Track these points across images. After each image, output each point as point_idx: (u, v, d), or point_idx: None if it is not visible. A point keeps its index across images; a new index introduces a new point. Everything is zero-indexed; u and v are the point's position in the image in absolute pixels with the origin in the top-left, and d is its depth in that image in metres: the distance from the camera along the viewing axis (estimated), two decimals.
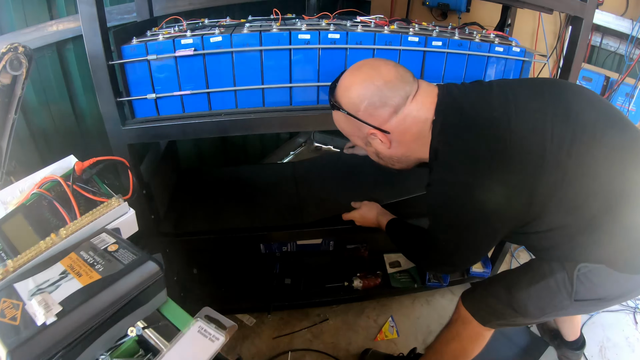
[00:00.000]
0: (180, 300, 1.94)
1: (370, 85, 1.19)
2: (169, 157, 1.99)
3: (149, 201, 1.61)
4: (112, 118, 1.35)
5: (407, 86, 1.21)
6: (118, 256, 0.84)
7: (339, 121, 1.32)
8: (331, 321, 2.26)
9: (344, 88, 1.24)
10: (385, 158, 1.35)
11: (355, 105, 1.21)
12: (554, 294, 1.30)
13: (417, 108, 1.22)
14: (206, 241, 1.76)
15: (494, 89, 1.22)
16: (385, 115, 1.21)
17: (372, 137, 1.26)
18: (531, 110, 1.15)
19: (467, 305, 1.53)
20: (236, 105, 1.44)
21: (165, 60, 1.33)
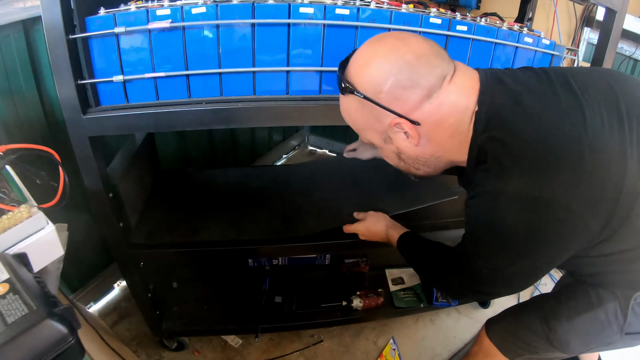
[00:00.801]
0: (155, 319, 1.75)
1: (398, 59, 0.90)
2: (145, 157, 1.78)
3: (116, 206, 1.40)
4: (70, 105, 1.14)
5: (444, 64, 0.93)
6: (2, 308, 0.56)
7: (349, 110, 1.03)
8: (326, 343, 2.12)
9: (360, 63, 0.96)
10: (409, 159, 1.06)
11: (375, 86, 0.92)
12: (602, 328, 1.14)
13: (456, 92, 0.93)
14: (184, 255, 1.54)
15: (553, 78, 0.96)
16: (416, 100, 0.92)
17: (395, 130, 0.98)
18: (604, 108, 0.90)
19: (492, 336, 1.38)
20: (221, 93, 1.21)
21: (137, 35, 1.11)
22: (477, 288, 1.07)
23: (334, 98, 1.20)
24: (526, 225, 0.88)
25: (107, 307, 2.18)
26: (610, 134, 0.87)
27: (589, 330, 1.16)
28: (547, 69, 1.00)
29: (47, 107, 1.67)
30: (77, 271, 2.02)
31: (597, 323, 1.13)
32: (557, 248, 0.92)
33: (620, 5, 1.42)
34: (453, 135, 0.97)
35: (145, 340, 2.02)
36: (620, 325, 1.11)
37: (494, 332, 1.38)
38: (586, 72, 1.01)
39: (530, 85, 0.94)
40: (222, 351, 2.01)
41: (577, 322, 1.16)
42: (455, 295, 1.24)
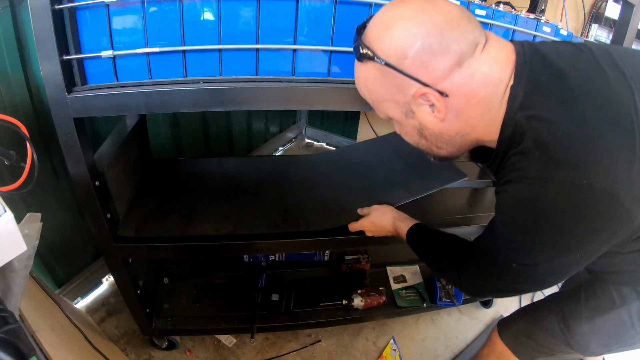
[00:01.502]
0: (145, 317, 1.68)
1: (426, 22, 0.81)
2: (135, 144, 1.68)
3: (103, 196, 1.30)
4: (54, 82, 1.04)
5: (476, 30, 0.84)
6: None
7: (366, 79, 0.93)
8: (324, 343, 2.05)
9: (382, 26, 0.86)
10: (432, 137, 0.96)
11: (399, 51, 0.83)
12: (625, 328, 1.10)
13: (490, 62, 0.84)
14: (176, 250, 1.44)
15: (597, 55, 0.85)
16: (445, 68, 0.82)
17: (419, 101, 0.88)
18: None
19: (506, 339, 1.33)
20: (220, 72, 1.11)
21: (130, 6, 1.02)
22: (501, 285, 0.98)
23: (344, 81, 1.13)
24: (575, 216, 0.79)
25: (95, 303, 2.09)
26: None
27: (610, 331, 1.12)
28: (588, 44, 0.89)
29: (33, 89, 1.59)
30: (64, 265, 1.94)
31: (620, 323, 1.09)
32: (600, 242, 0.83)
33: None
34: (483, 111, 0.87)
35: (134, 339, 1.94)
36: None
37: (508, 333, 1.33)
38: (630, 52, 0.90)
39: (574, 60, 0.84)
40: (215, 351, 1.94)
41: (599, 323, 1.12)
42: (473, 291, 1.09)
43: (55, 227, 1.79)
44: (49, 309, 1.27)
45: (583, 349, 1.17)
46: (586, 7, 2.57)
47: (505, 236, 0.91)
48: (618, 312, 1.09)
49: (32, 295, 1.21)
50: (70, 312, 1.42)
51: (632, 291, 1.07)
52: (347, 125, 3.58)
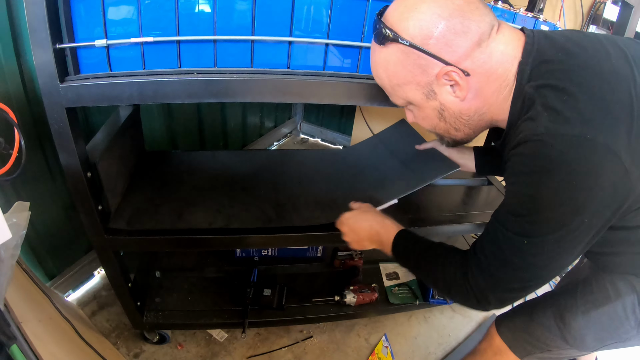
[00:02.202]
0: (136, 310, 1.67)
1: (448, 3, 0.86)
2: (129, 135, 1.66)
3: (95, 188, 1.29)
4: (47, 71, 1.02)
5: (491, 14, 0.90)
6: None
7: (387, 62, 0.95)
8: (316, 339, 2.05)
9: (405, 8, 0.89)
10: (452, 118, 0.99)
11: (425, 31, 0.87)
12: (620, 323, 1.11)
13: (504, 42, 0.90)
14: (168, 243, 1.43)
15: (603, 39, 0.92)
16: (467, 47, 0.87)
17: (442, 82, 0.92)
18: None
19: (503, 334, 1.34)
20: (215, 64, 1.10)
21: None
22: (510, 280, 0.96)
23: (339, 75, 1.13)
24: (580, 171, 0.81)
25: (87, 296, 2.08)
26: None
27: (605, 325, 1.13)
28: (595, 32, 0.98)
29: (26, 79, 1.57)
30: (55, 257, 1.92)
31: (615, 317, 1.10)
32: (604, 204, 0.84)
33: (638, 0, 1.39)
34: (499, 89, 0.93)
35: (125, 332, 1.93)
36: (638, 319, 1.08)
37: (506, 329, 1.33)
38: (634, 42, 0.96)
39: (579, 40, 0.90)
40: (207, 345, 1.92)
41: (594, 317, 1.13)
42: (481, 299, 1.01)
43: (47, 219, 1.78)
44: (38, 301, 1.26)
45: (578, 343, 1.18)
46: (584, 8, 2.57)
47: (513, 207, 0.91)
48: (613, 306, 1.10)
49: (21, 287, 1.20)
50: (60, 304, 1.41)
51: (627, 285, 1.08)
52: (342, 121, 3.58)
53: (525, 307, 1.34)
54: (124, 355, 1.83)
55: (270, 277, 2.03)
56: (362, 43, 1.13)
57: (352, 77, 1.15)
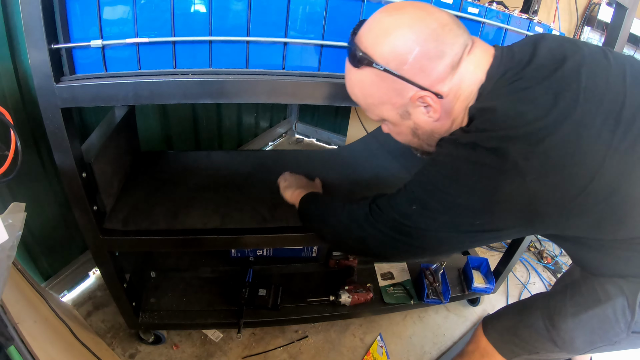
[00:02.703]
0: (131, 311, 1.67)
1: (424, 29, 0.87)
2: (124, 136, 1.66)
3: (90, 188, 1.29)
4: (42, 71, 1.02)
5: (465, 34, 0.92)
6: None
7: (362, 84, 0.97)
8: (311, 339, 2.04)
9: (380, 33, 0.90)
10: (425, 135, 1.02)
11: (400, 57, 0.88)
12: (610, 325, 1.09)
13: (474, 63, 0.92)
14: (163, 243, 1.43)
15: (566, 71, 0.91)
16: (441, 71, 0.89)
17: (417, 104, 0.94)
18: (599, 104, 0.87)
19: (490, 335, 1.34)
20: (210, 64, 1.10)
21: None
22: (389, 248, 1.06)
23: (334, 76, 1.13)
24: (486, 178, 0.86)
25: (82, 297, 2.07)
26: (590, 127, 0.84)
27: (595, 327, 1.11)
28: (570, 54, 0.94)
29: (21, 79, 1.57)
30: (50, 258, 1.92)
31: (605, 320, 1.09)
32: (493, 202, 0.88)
33: (632, 2, 1.38)
34: (465, 108, 0.95)
35: (120, 333, 1.92)
36: (628, 322, 1.06)
37: (493, 330, 1.33)
38: (602, 67, 0.93)
39: (540, 66, 0.90)
40: (202, 345, 1.92)
41: (584, 319, 1.11)
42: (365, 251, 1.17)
43: (42, 220, 1.78)
44: (34, 301, 1.26)
45: (567, 346, 1.17)
46: (579, 10, 2.58)
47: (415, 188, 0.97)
48: (603, 309, 1.08)
49: (16, 287, 1.20)
50: (56, 305, 1.41)
51: (616, 287, 1.07)
52: (337, 121, 3.58)
53: (513, 308, 1.34)
54: (120, 355, 1.82)
55: (266, 277, 2.03)
56: None
57: None
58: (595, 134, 0.82)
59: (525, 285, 2.57)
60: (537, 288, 2.59)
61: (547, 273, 2.71)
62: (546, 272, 2.72)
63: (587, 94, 0.85)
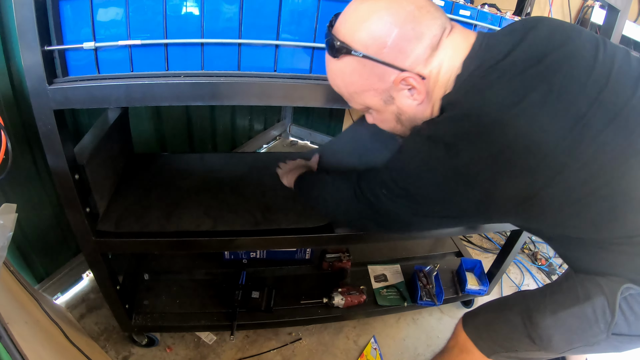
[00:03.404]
0: (124, 313, 1.67)
1: (400, 11, 0.87)
2: (117, 138, 1.66)
3: (82, 190, 1.29)
4: (35, 73, 1.02)
5: (443, 16, 0.93)
6: None
7: (343, 73, 0.98)
8: (304, 341, 2.04)
9: (356, 19, 0.91)
10: (408, 121, 1.04)
11: (377, 41, 0.89)
12: (589, 325, 1.06)
13: (454, 48, 0.93)
14: (155, 245, 1.44)
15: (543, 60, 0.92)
16: (421, 52, 0.90)
17: (399, 87, 0.94)
18: None
19: (469, 331, 1.31)
20: (202, 67, 1.11)
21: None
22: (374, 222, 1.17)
23: (325, 78, 1.11)
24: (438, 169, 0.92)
25: (75, 299, 2.07)
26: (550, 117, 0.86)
27: (574, 326, 1.09)
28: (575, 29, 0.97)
29: (15, 81, 1.56)
30: (43, 260, 1.91)
31: (584, 319, 1.07)
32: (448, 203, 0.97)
33: (624, 5, 1.39)
34: (441, 97, 0.97)
35: (114, 335, 1.92)
36: (608, 322, 1.04)
37: (471, 326, 1.31)
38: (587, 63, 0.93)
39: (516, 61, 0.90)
40: (195, 348, 1.92)
41: (562, 317, 1.10)
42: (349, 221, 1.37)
43: (35, 222, 1.77)
44: (25, 303, 1.25)
45: (545, 344, 1.14)
46: (572, 12, 2.60)
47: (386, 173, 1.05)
48: (582, 308, 1.07)
49: (7, 288, 1.19)
50: (48, 307, 1.40)
51: (596, 287, 1.05)
52: (331, 124, 3.58)
53: (492, 304, 1.33)
54: (113, 358, 1.82)
55: (259, 279, 2.02)
56: None
57: None
58: (562, 134, 0.84)
59: (519, 287, 2.57)
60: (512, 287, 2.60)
61: (541, 275, 2.72)
62: (540, 274, 2.72)
63: (560, 93, 0.86)
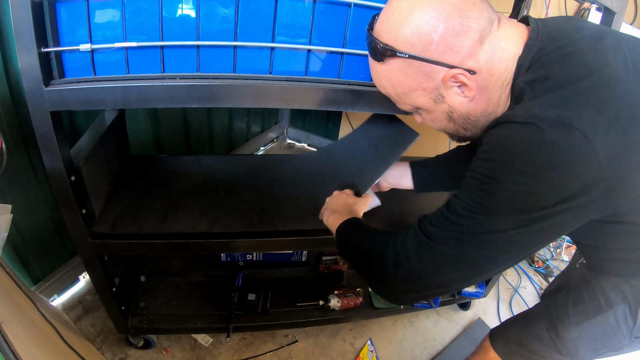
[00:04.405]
0: (121, 315, 1.67)
1: (444, 4, 0.82)
2: (114, 139, 1.66)
3: (79, 192, 1.29)
4: (32, 75, 1.02)
5: (489, 8, 0.87)
6: None
7: (389, 75, 0.93)
8: (301, 343, 2.04)
9: (399, 17, 0.86)
10: (460, 119, 0.97)
11: (424, 37, 0.84)
12: (613, 332, 1.09)
13: (505, 38, 0.87)
14: (151, 247, 1.44)
15: (602, 29, 0.91)
16: (469, 46, 0.84)
17: (449, 85, 0.89)
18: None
19: (497, 347, 1.33)
20: (198, 69, 1.10)
21: None
22: (452, 273, 0.89)
23: (321, 80, 1.13)
24: (549, 156, 0.77)
25: (72, 301, 2.07)
26: None
27: (598, 335, 1.11)
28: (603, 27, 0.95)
29: (12, 82, 1.56)
30: (40, 261, 1.91)
31: (607, 327, 1.09)
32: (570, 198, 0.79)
33: (620, 7, 1.39)
34: (501, 87, 0.90)
35: (110, 337, 1.92)
36: (630, 328, 1.07)
37: (500, 342, 1.33)
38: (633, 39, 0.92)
39: (577, 33, 0.87)
40: (192, 350, 1.92)
41: (586, 327, 1.12)
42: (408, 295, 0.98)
43: (32, 223, 1.77)
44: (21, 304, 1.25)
45: (572, 354, 1.17)
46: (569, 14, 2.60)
47: (470, 190, 0.86)
48: (605, 316, 1.09)
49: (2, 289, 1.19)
50: (45, 308, 1.40)
51: (618, 294, 1.06)
52: (329, 126, 3.58)
53: (518, 319, 1.34)
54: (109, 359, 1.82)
55: (255, 281, 2.02)
56: (344, 49, 1.13)
57: (334, 83, 1.16)
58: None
59: (516, 289, 2.58)
60: (528, 292, 2.60)
61: (538, 277, 2.73)
62: (537, 276, 2.73)
63: (635, 65, 0.83)
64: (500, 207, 0.81)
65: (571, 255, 2.75)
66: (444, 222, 0.88)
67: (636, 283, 1.04)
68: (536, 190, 0.78)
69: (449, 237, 0.86)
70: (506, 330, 1.34)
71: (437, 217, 0.90)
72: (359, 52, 1.15)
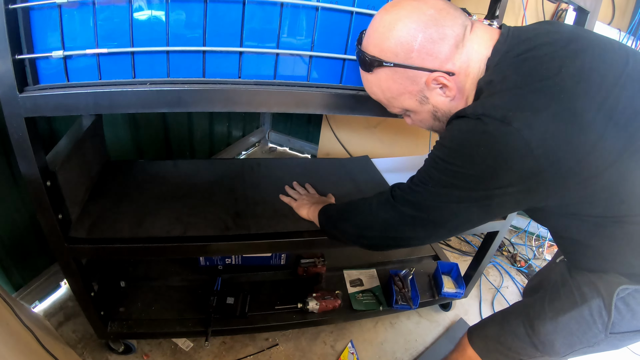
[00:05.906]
0: (100, 320, 1.67)
1: (421, 16, 0.95)
2: (90, 145, 1.67)
3: (54, 197, 1.30)
4: (6, 81, 1.04)
5: (462, 15, 0.99)
6: None
7: (378, 82, 1.06)
8: (281, 347, 2.05)
9: (382, 31, 0.99)
10: (444, 117, 1.08)
11: (405, 47, 0.96)
12: (588, 327, 1.12)
13: (478, 41, 0.99)
14: (126, 251, 1.44)
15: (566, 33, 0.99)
16: (447, 51, 0.97)
17: (431, 87, 1.01)
18: None
19: (476, 344, 1.37)
20: (168, 74, 1.13)
21: (81, 6, 1.03)
22: (409, 231, 1.11)
23: (289, 84, 1.17)
24: (494, 147, 0.90)
25: (53, 307, 2.06)
26: None
27: (573, 330, 1.14)
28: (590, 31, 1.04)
29: None
30: (21, 267, 1.91)
31: (582, 322, 1.12)
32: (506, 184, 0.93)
33: (593, 6, 1.42)
34: (473, 86, 1.02)
35: (91, 343, 1.91)
36: (605, 323, 1.09)
37: (478, 339, 1.36)
38: None
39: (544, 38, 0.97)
40: (172, 355, 1.92)
41: (562, 322, 1.15)
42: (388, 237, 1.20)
43: (12, 229, 1.78)
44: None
45: (548, 349, 1.19)
46: (547, 16, 2.61)
47: (426, 166, 1.04)
48: (580, 311, 1.12)
49: None
50: (24, 315, 1.40)
51: (593, 290, 1.10)
52: (310, 130, 3.59)
53: (495, 317, 1.37)
54: None
55: (234, 285, 2.02)
56: (312, 52, 1.17)
57: (302, 86, 1.20)
58: (596, 107, 0.87)
59: (498, 289, 2.59)
60: (510, 292, 2.62)
61: (520, 277, 2.75)
62: (519, 276, 2.75)
63: (591, 73, 0.90)
64: (445, 182, 0.98)
65: (553, 254, 2.78)
66: (406, 189, 1.09)
67: (609, 278, 1.08)
68: (474, 173, 0.94)
69: (407, 200, 1.08)
70: (484, 328, 1.36)
71: (403, 185, 1.11)
72: (327, 55, 1.19)
